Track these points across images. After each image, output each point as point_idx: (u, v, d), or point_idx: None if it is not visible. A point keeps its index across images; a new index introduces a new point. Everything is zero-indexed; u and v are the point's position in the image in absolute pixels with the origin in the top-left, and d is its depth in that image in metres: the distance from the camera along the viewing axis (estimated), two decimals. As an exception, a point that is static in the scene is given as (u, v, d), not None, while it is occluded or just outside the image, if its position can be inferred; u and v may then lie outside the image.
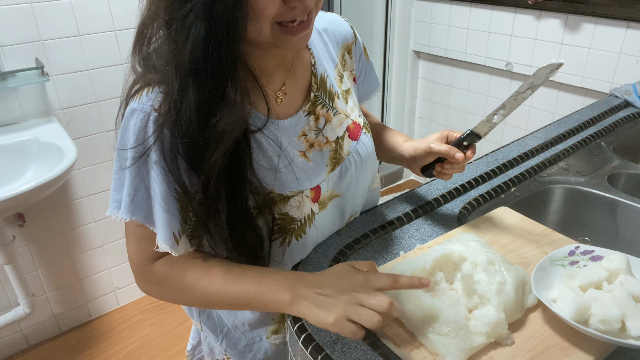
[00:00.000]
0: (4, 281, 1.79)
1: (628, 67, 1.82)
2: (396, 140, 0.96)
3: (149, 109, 0.63)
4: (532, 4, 1.99)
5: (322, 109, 0.80)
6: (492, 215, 0.93)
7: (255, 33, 0.61)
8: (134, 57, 0.65)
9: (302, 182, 0.76)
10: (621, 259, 0.71)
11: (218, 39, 0.56)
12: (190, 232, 0.70)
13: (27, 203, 1.50)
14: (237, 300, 0.69)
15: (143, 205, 0.67)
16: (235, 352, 0.89)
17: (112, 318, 2.09)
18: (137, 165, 0.65)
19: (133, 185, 0.66)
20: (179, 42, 0.57)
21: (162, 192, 0.65)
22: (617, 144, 1.26)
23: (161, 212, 0.66)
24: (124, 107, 0.66)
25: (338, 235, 0.88)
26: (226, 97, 0.60)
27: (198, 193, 0.65)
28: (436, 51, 2.54)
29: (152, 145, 0.63)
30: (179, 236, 0.68)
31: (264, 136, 0.71)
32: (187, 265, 0.71)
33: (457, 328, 0.62)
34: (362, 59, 0.92)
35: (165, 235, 0.67)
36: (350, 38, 0.88)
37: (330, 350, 0.65)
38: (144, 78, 0.65)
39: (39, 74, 1.58)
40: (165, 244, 0.67)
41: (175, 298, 0.75)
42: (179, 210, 0.67)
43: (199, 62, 0.57)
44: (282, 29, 0.62)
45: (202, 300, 0.72)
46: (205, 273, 0.70)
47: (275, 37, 0.63)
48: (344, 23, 0.88)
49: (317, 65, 0.80)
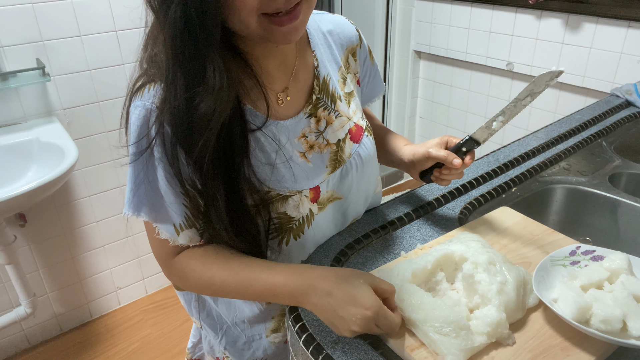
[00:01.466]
0: (5, 281, 1.80)
1: (629, 67, 1.82)
2: (396, 144, 0.96)
3: (150, 105, 0.64)
4: (533, 3, 1.99)
5: (324, 111, 0.80)
6: (493, 215, 0.93)
7: (241, 25, 0.61)
8: (143, 54, 0.66)
9: (300, 181, 0.76)
10: (622, 258, 0.71)
11: (192, 21, 0.57)
12: (203, 228, 0.72)
13: (28, 203, 1.50)
14: (259, 293, 0.71)
15: (146, 200, 0.68)
16: (234, 350, 0.89)
17: (113, 318, 2.09)
18: (140, 161, 0.66)
19: (136, 181, 0.68)
20: (164, 27, 0.59)
21: (164, 186, 0.67)
22: (618, 144, 1.26)
23: (163, 205, 0.68)
24: (128, 103, 0.67)
25: (339, 235, 0.88)
26: (206, 81, 0.61)
27: (197, 181, 0.66)
28: (437, 51, 2.54)
29: (153, 141, 0.64)
30: (180, 228, 0.70)
31: (262, 134, 0.71)
32: (205, 260, 0.73)
33: (458, 328, 0.62)
34: (367, 62, 0.92)
35: (166, 227, 0.70)
36: (355, 41, 0.87)
37: (331, 350, 0.65)
38: (147, 74, 0.66)
39: (40, 74, 1.58)
40: (167, 232, 0.70)
41: (198, 290, 0.79)
42: (187, 205, 0.69)
43: (177, 46, 0.59)
44: (269, 19, 0.62)
45: (223, 292, 0.74)
46: (223, 268, 0.72)
47: (264, 29, 0.62)
48: (350, 25, 0.88)
49: (319, 67, 0.80)
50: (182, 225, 0.71)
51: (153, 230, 0.72)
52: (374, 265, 0.82)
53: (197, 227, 0.72)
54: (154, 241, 0.74)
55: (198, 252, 0.74)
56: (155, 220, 0.70)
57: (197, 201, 0.68)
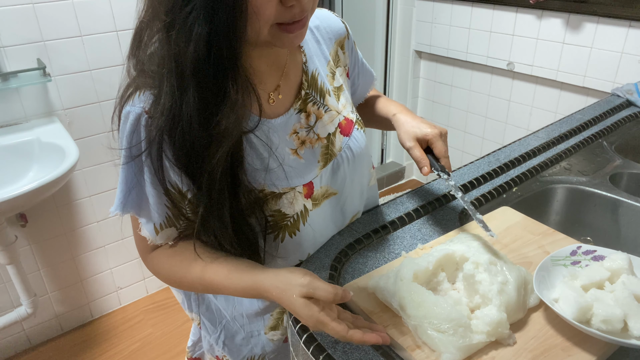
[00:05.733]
0: (6, 281, 1.80)
1: (630, 67, 1.81)
2: (387, 111, 0.95)
3: (140, 111, 0.65)
4: (534, 3, 1.99)
5: (313, 106, 0.80)
6: (494, 215, 0.93)
7: (254, 34, 0.62)
8: (129, 61, 0.67)
9: (292, 179, 0.76)
10: (623, 258, 0.71)
11: (219, 38, 0.57)
12: (183, 227, 0.75)
13: (29, 203, 1.50)
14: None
15: (134, 202, 0.72)
16: (232, 346, 0.89)
17: (114, 318, 2.10)
18: (130, 165, 0.68)
19: (126, 184, 0.70)
20: (181, 44, 0.58)
21: (149, 188, 0.69)
22: (619, 144, 1.26)
23: (147, 206, 0.72)
24: (119, 110, 0.68)
25: (340, 235, 0.88)
26: (228, 96, 0.61)
27: (202, 196, 0.66)
28: (437, 51, 2.53)
29: (142, 146, 0.66)
30: (160, 228, 0.73)
31: (255, 136, 0.72)
32: (174, 258, 0.76)
33: (457, 325, 0.62)
34: (354, 52, 0.92)
35: (148, 226, 0.73)
36: (342, 33, 0.88)
37: (332, 350, 0.65)
38: (136, 81, 0.67)
39: (41, 75, 1.58)
40: (147, 230, 0.74)
41: (172, 285, 0.82)
42: (169, 207, 0.71)
43: (201, 62, 0.58)
44: (280, 27, 0.63)
45: (191, 289, 0.79)
46: (188, 268, 0.75)
47: (273, 36, 0.63)
48: (336, 18, 0.88)
49: (308, 63, 0.81)
50: (162, 224, 0.73)
51: (137, 226, 0.75)
52: (374, 265, 0.82)
53: (177, 226, 0.74)
54: (136, 235, 0.77)
55: (169, 251, 0.77)
56: (140, 216, 0.73)
57: (181, 205, 0.71)
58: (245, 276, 0.69)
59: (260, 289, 0.66)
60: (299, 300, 0.62)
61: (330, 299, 0.61)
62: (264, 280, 0.66)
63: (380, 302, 0.71)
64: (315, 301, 0.62)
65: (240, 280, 0.69)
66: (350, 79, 0.93)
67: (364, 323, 0.66)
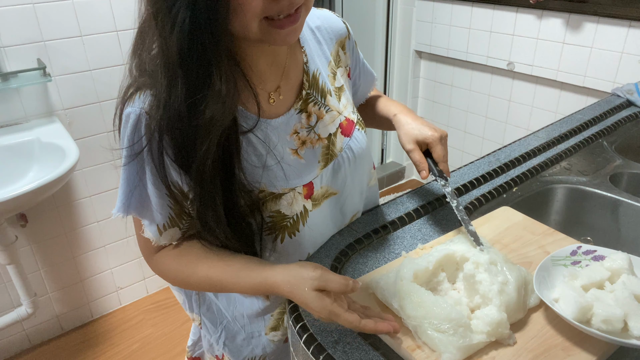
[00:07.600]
0: (6, 281, 1.80)
1: (630, 67, 1.81)
2: (388, 111, 0.95)
3: (139, 111, 0.65)
4: (534, 3, 1.99)
5: (314, 106, 0.80)
6: (494, 215, 0.93)
7: (242, 28, 0.61)
8: (132, 60, 0.67)
9: (292, 179, 0.76)
10: (623, 258, 0.71)
11: (201, 27, 0.57)
12: (186, 227, 0.75)
13: (29, 203, 1.50)
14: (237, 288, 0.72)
15: (136, 203, 0.71)
16: (233, 346, 0.89)
17: (114, 318, 2.10)
18: (132, 165, 0.68)
19: (128, 185, 0.70)
20: (166, 33, 0.59)
21: (151, 188, 0.69)
22: (620, 144, 1.25)
23: (150, 207, 0.71)
24: (120, 111, 0.68)
25: (340, 235, 0.88)
26: (212, 86, 0.61)
27: (195, 187, 0.67)
28: (438, 51, 2.54)
29: (143, 147, 0.66)
30: (163, 228, 0.73)
31: (253, 134, 0.72)
32: (180, 259, 0.76)
33: (457, 325, 0.62)
34: (355, 53, 0.92)
35: (150, 227, 0.74)
36: (343, 33, 0.88)
37: (332, 350, 0.65)
38: (137, 82, 0.67)
39: (41, 75, 1.58)
40: (150, 232, 0.74)
41: (178, 285, 0.82)
42: (172, 206, 0.71)
43: (184, 51, 0.59)
44: (269, 22, 0.62)
45: (198, 288, 0.80)
46: (194, 268, 0.75)
47: (263, 32, 0.62)
48: (337, 19, 0.88)
49: (309, 63, 0.81)
50: (165, 225, 0.73)
51: (139, 227, 0.75)
52: (374, 265, 0.82)
53: (179, 226, 0.75)
54: (139, 237, 0.77)
55: (174, 252, 0.77)
56: (142, 217, 0.73)
57: (184, 204, 0.71)
58: (255, 273, 0.69)
59: (272, 284, 0.67)
60: (311, 293, 0.63)
61: (342, 290, 0.63)
62: (275, 276, 0.67)
63: (380, 302, 0.71)
64: (327, 293, 0.63)
65: (250, 277, 0.69)
66: (352, 80, 0.92)
67: (375, 312, 0.67)
